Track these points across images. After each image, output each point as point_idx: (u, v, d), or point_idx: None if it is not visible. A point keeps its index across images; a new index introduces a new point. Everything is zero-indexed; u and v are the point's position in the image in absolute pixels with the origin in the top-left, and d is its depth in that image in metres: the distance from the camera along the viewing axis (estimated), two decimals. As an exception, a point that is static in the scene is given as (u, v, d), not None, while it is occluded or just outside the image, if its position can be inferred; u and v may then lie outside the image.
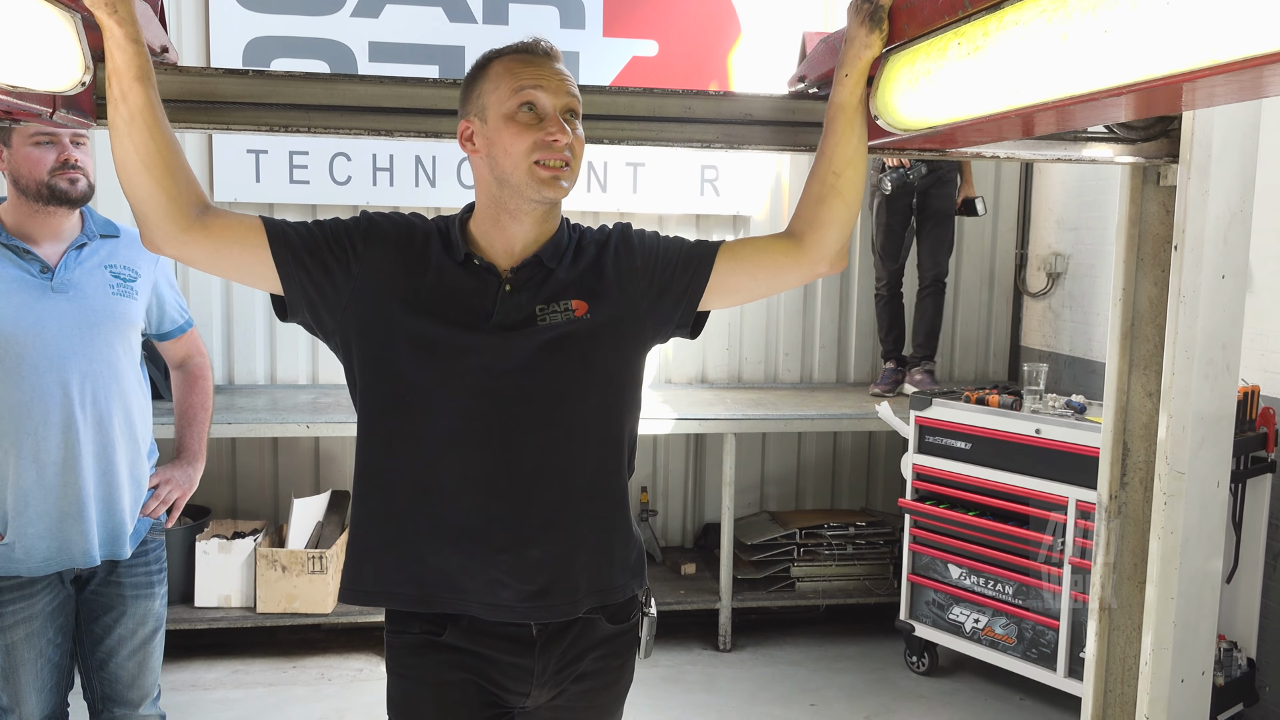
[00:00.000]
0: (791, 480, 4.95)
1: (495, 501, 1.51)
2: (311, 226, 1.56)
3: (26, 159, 2.05)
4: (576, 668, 1.61)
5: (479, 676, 1.57)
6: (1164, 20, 0.80)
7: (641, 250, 1.61)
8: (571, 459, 1.54)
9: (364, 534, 1.57)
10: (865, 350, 4.98)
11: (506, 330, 1.51)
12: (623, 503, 1.62)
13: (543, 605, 1.54)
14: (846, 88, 1.50)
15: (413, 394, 1.51)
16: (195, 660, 3.90)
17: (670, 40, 4.52)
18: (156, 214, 1.43)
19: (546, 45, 1.53)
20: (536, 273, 1.55)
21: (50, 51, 1.29)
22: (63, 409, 2.08)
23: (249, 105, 1.67)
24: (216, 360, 4.45)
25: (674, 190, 4.64)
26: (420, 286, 1.52)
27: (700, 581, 4.36)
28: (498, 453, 1.50)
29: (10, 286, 2.06)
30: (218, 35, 4.23)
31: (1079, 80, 0.96)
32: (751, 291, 1.67)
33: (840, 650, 4.17)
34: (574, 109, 1.52)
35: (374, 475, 1.55)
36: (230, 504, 4.48)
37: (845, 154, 1.53)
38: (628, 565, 1.63)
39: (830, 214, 1.55)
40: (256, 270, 1.51)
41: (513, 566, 1.51)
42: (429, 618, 1.56)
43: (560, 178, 1.50)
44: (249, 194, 4.31)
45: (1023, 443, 3.50)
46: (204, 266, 1.54)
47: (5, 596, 2.11)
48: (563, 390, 1.52)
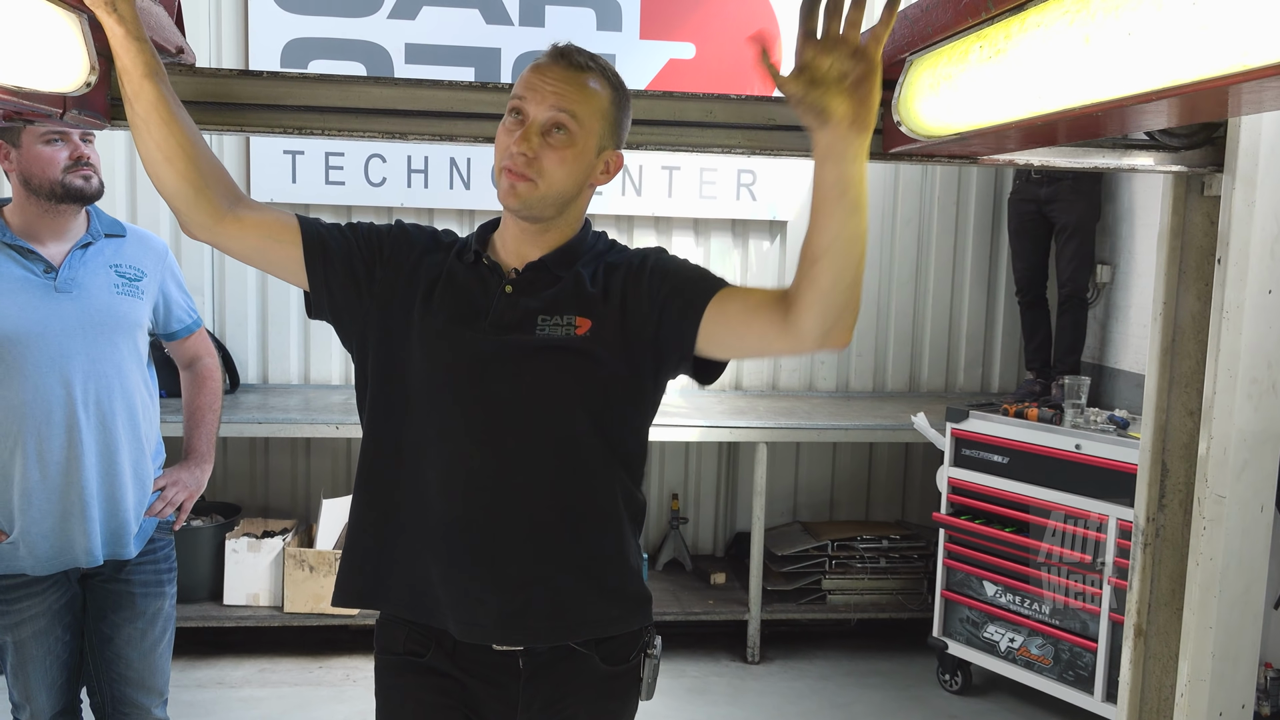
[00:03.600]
0: (825, 491, 4.87)
1: (476, 511, 1.47)
2: (345, 230, 1.56)
3: (38, 158, 2.05)
4: (566, 707, 1.55)
5: (461, 704, 1.53)
6: (1190, 22, 0.74)
7: (650, 276, 1.50)
8: (560, 476, 1.49)
9: (358, 537, 1.55)
10: (903, 360, 4.89)
11: (501, 330, 1.47)
12: (617, 529, 1.54)
13: (521, 627, 1.49)
14: (845, 156, 1.23)
15: (409, 397, 1.49)
16: (223, 658, 3.92)
17: (708, 43, 4.47)
18: (186, 205, 1.45)
19: (564, 49, 1.47)
20: (542, 277, 1.51)
21: (56, 53, 1.28)
22: (65, 408, 2.08)
23: (264, 107, 1.66)
24: (251, 359, 4.48)
25: (710, 194, 4.59)
26: (434, 288, 1.51)
27: (730, 591, 4.30)
28: (482, 460, 1.47)
29: (13, 286, 2.06)
30: (257, 36, 4.26)
31: (1104, 85, 0.91)
32: (739, 351, 1.53)
33: (871, 666, 4.09)
34: (559, 123, 1.42)
35: (370, 475, 1.54)
36: (262, 503, 4.50)
37: (821, 241, 1.28)
38: (623, 596, 1.56)
39: (805, 299, 1.32)
40: (288, 267, 1.53)
41: (490, 582, 1.48)
42: (414, 634, 1.53)
43: (515, 187, 1.42)
44: (285, 194, 4.33)
45: (1062, 458, 3.40)
46: (237, 256, 1.56)
47: (12, 595, 2.12)
48: (553, 404, 1.48)
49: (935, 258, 4.84)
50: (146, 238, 2.29)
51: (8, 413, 2.06)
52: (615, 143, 1.52)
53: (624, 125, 1.54)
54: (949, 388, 4.94)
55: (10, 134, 2.06)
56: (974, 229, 4.85)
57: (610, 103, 1.48)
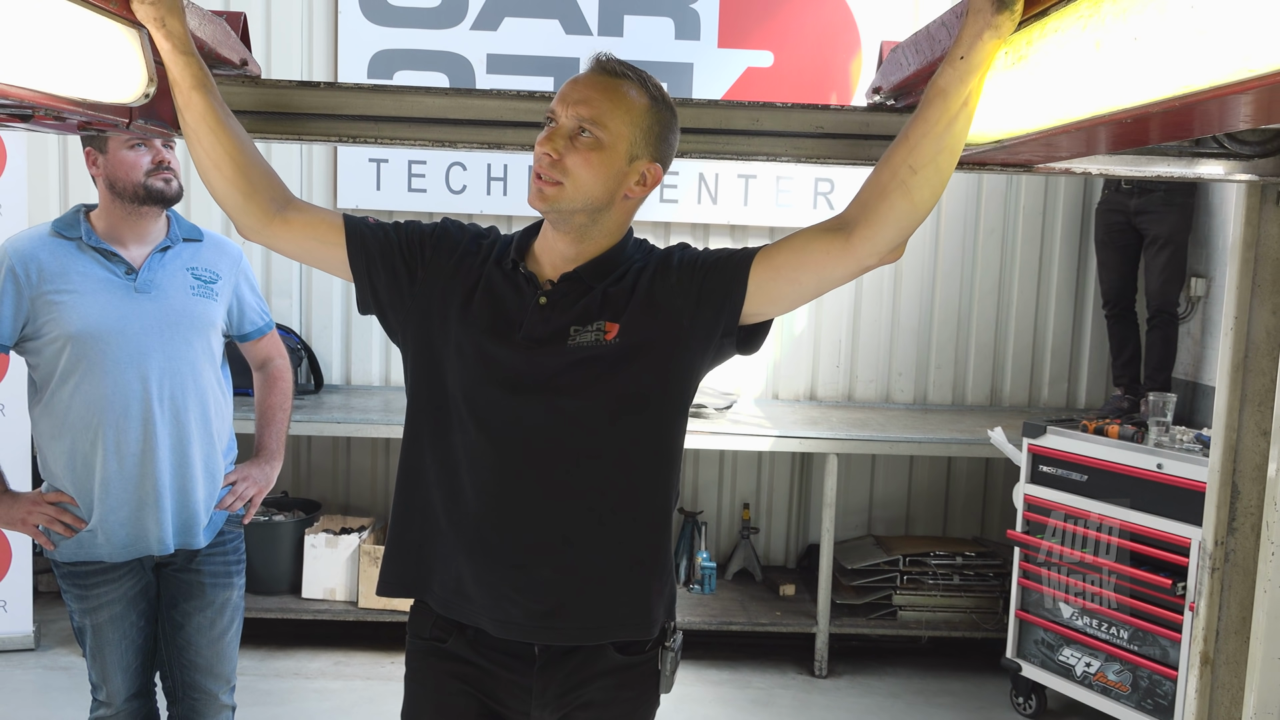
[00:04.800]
0: (901, 505, 4.79)
1: (511, 516, 1.50)
2: (389, 229, 1.61)
3: (123, 162, 2.16)
4: (581, 694, 1.56)
5: (479, 689, 1.57)
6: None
7: (679, 269, 1.53)
8: (593, 482, 1.51)
9: (398, 532, 1.60)
10: (984, 373, 4.77)
11: (534, 344, 1.50)
12: (650, 533, 1.55)
13: (550, 627, 1.52)
14: (956, 72, 1.23)
15: (448, 399, 1.53)
16: (300, 649, 4.05)
17: (786, 51, 4.45)
18: (235, 209, 1.53)
19: (601, 59, 1.49)
20: (575, 288, 1.52)
21: (119, 66, 1.35)
22: (142, 403, 2.18)
23: (322, 116, 1.71)
24: (335, 361, 4.63)
25: (786, 203, 4.56)
26: (472, 294, 1.54)
27: (798, 604, 4.26)
28: (517, 467, 1.50)
29: (97, 286, 2.17)
30: (346, 49, 4.40)
31: (1118, 92, 0.88)
32: (797, 297, 1.52)
33: (942, 685, 3.99)
34: (585, 127, 1.43)
35: (412, 474, 1.58)
36: (343, 500, 4.64)
37: (928, 149, 1.29)
38: (657, 598, 1.57)
39: (892, 211, 1.34)
40: (335, 265, 1.59)
41: (521, 584, 1.50)
42: (440, 620, 1.58)
43: (542, 190, 1.46)
44: (370, 201, 4.46)
45: (1143, 477, 3.27)
46: (289, 255, 1.64)
47: (90, 580, 2.23)
48: (586, 412, 1.49)
49: (1020, 268, 4.72)
50: (222, 243, 2.39)
51: (89, 406, 2.17)
52: (652, 154, 1.50)
53: (665, 139, 1.52)
54: (1032, 402, 4.80)
55: (98, 142, 2.18)
56: (1061, 239, 4.72)
57: (645, 111, 1.47)
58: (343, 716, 3.57)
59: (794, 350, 4.73)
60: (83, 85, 1.33)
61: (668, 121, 1.52)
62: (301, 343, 4.44)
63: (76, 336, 2.14)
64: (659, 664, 1.61)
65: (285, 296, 4.55)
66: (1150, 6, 0.78)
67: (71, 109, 1.35)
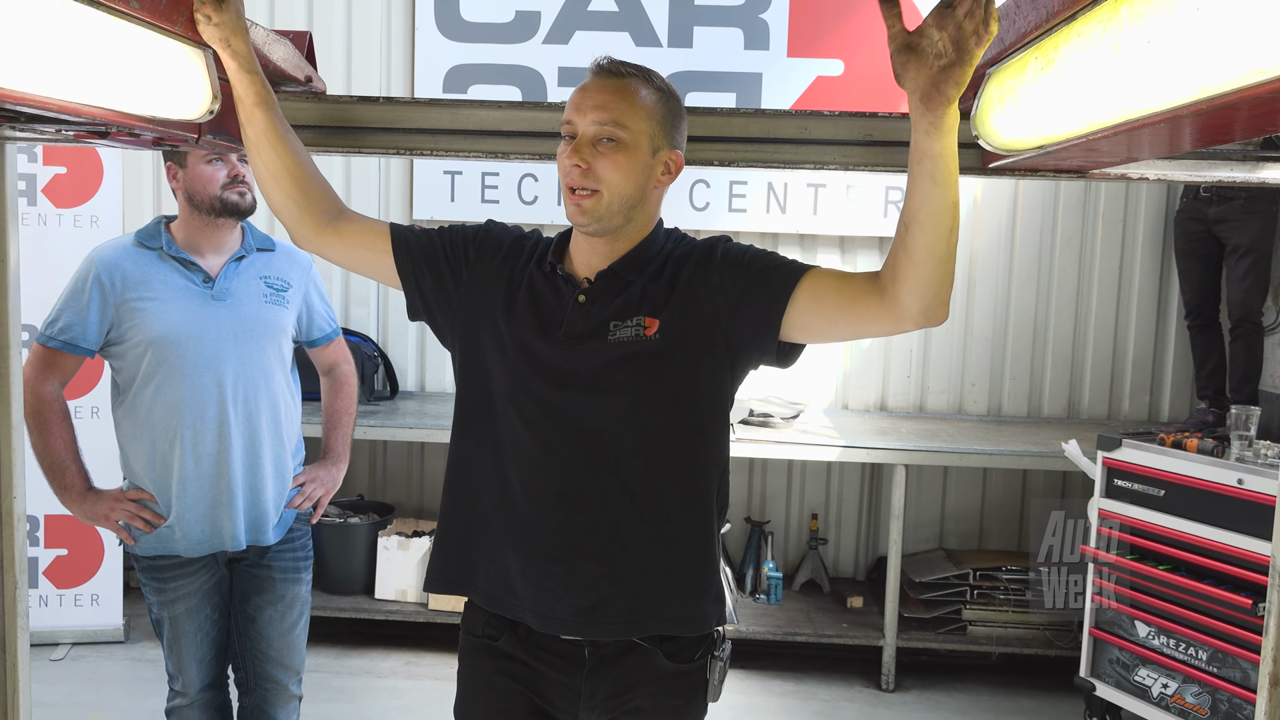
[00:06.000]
0: (974, 518, 4.70)
1: (556, 512, 1.53)
2: (433, 234, 1.67)
3: (200, 176, 2.27)
4: (630, 699, 1.58)
5: (529, 689, 1.59)
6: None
7: (722, 266, 1.54)
8: (637, 479, 1.53)
9: (446, 529, 1.64)
10: (1060, 385, 4.66)
11: (575, 341, 1.52)
12: (698, 526, 1.57)
13: (594, 622, 1.54)
14: (918, 128, 1.25)
15: (494, 397, 1.56)
16: (373, 649, 4.15)
17: (857, 60, 4.42)
18: (290, 220, 1.61)
19: (602, 63, 1.53)
20: (613, 285, 1.55)
21: (185, 85, 1.43)
22: (218, 405, 2.28)
23: (381, 130, 1.78)
24: (410, 368, 4.74)
25: (856, 212, 4.53)
26: (516, 294, 1.58)
27: (866, 616, 4.21)
28: (561, 463, 1.52)
29: (176, 294, 2.28)
30: (422, 64, 4.52)
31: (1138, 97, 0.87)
32: (829, 336, 1.54)
33: (1014, 703, 3.91)
34: (607, 134, 1.47)
35: (459, 471, 1.62)
36: (417, 504, 4.75)
37: (912, 205, 1.31)
38: (703, 596, 1.58)
39: (901, 271, 1.35)
40: (384, 273, 1.65)
41: (566, 579, 1.52)
42: (492, 618, 1.61)
43: (581, 206, 1.48)
44: (445, 213, 4.57)
45: (1223, 493, 3.16)
46: (341, 265, 1.71)
47: (168, 574, 2.34)
48: (628, 407, 1.52)
49: (1099, 278, 4.60)
50: (293, 252, 2.48)
51: (168, 409, 2.28)
52: (671, 143, 1.54)
53: (678, 127, 1.56)
54: (1112, 415, 4.67)
55: (178, 157, 2.29)
56: (1143, 247, 4.58)
57: (657, 104, 1.51)
58: (412, 715, 3.66)
59: (864, 361, 4.69)
60: (153, 103, 1.41)
61: (677, 109, 1.56)
62: (378, 350, 4.56)
63: (157, 342, 2.25)
64: (707, 673, 1.61)
65: (363, 305, 4.69)
66: (1160, 9, 0.78)
67: (143, 125, 1.43)
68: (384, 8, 4.55)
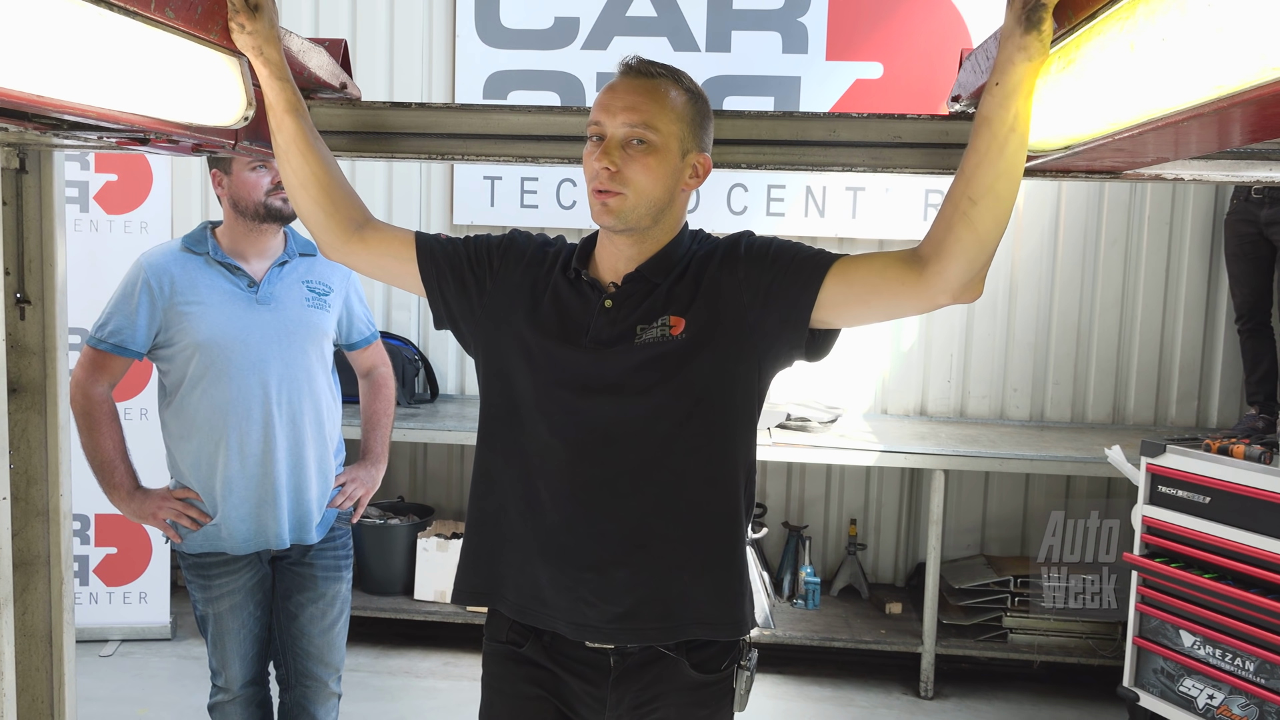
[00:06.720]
0: (1017, 524, 4.63)
1: (586, 519, 1.52)
2: (458, 243, 1.67)
3: (245, 182, 2.32)
4: (655, 709, 1.57)
5: (555, 696, 1.59)
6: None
7: (747, 260, 1.53)
8: (666, 482, 1.52)
9: (474, 536, 1.63)
10: (1105, 390, 4.59)
11: (602, 346, 1.52)
12: (724, 530, 1.56)
13: (630, 628, 1.53)
14: (995, 99, 1.25)
15: (519, 405, 1.56)
16: (412, 649, 4.20)
17: (896, 62, 4.39)
18: (317, 227, 1.63)
19: (631, 63, 1.51)
20: (639, 288, 1.55)
21: (220, 92, 1.47)
22: (262, 407, 2.33)
23: (413, 135, 1.81)
24: (450, 371, 4.79)
25: (895, 215, 4.50)
26: (540, 301, 1.58)
27: (905, 623, 4.18)
28: (590, 469, 1.52)
29: (222, 298, 2.34)
30: (463, 71, 4.57)
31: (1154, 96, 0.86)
32: (863, 318, 1.53)
33: (1055, 713, 3.85)
34: (639, 137, 1.46)
35: (485, 479, 1.62)
36: (457, 506, 4.79)
37: (984, 180, 1.29)
38: (738, 599, 1.57)
39: (958, 244, 1.34)
40: (408, 281, 1.66)
41: (598, 586, 1.52)
42: (518, 627, 1.60)
43: (607, 206, 1.47)
44: (484, 218, 4.61)
45: (1271, 500, 3.09)
46: (366, 273, 1.72)
47: (213, 571, 2.39)
48: (657, 410, 1.50)
49: (1145, 281, 4.52)
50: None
51: (214, 410, 2.33)
52: (700, 145, 1.53)
53: (706, 129, 1.55)
54: (1159, 420, 4.59)
55: (223, 164, 2.35)
56: (1190, 250, 4.50)
57: (686, 105, 1.50)
58: (449, 715, 3.69)
59: (903, 365, 4.65)
60: (190, 110, 1.44)
61: (706, 111, 1.56)
62: (419, 354, 4.62)
63: (204, 345, 2.31)
64: (734, 682, 1.60)
65: (404, 310, 4.75)
66: (1173, 6, 0.77)
67: (181, 132, 1.48)
68: (425, 15, 4.61)
